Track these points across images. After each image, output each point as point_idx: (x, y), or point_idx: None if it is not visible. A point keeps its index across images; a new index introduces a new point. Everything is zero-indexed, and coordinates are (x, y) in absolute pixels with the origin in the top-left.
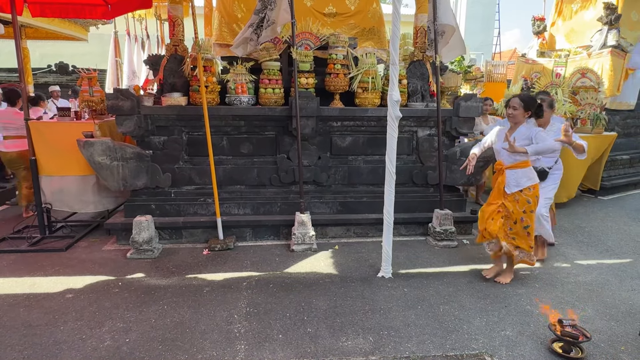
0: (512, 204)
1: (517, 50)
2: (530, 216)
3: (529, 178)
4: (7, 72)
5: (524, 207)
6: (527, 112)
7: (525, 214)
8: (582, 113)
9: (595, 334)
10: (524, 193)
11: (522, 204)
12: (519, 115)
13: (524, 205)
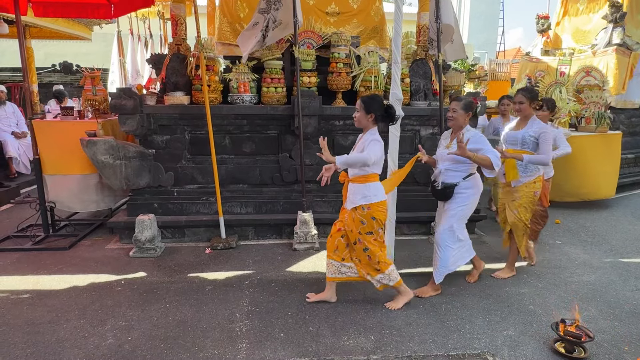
0: (349, 222)
1: (522, 48)
2: (366, 238)
3: (364, 196)
4: (11, 71)
5: (359, 227)
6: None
7: (362, 236)
8: (587, 112)
9: (598, 333)
10: (357, 212)
11: (357, 224)
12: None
13: (358, 226)
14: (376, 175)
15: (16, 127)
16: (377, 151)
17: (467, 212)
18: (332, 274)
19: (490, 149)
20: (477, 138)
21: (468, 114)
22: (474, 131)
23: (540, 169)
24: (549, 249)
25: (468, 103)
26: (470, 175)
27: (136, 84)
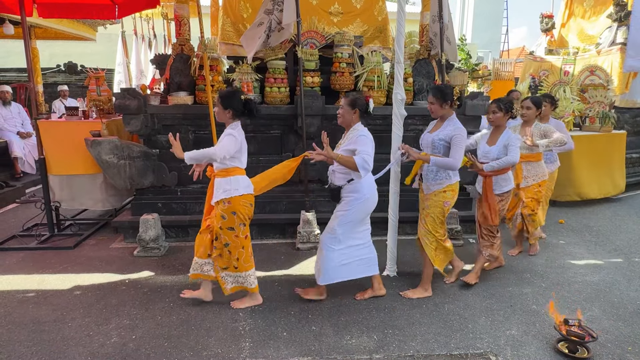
0: (213, 217)
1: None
2: (227, 233)
3: (225, 190)
4: (17, 72)
5: (220, 222)
6: None
7: (223, 231)
8: (591, 111)
9: (602, 334)
10: (219, 206)
11: (218, 219)
12: None
13: (219, 221)
14: (238, 169)
15: (21, 127)
16: (228, 146)
17: (350, 217)
18: (195, 270)
19: (364, 150)
20: (358, 138)
21: (354, 111)
22: (360, 130)
23: (451, 176)
24: (552, 249)
25: (353, 100)
26: (354, 179)
27: (140, 84)
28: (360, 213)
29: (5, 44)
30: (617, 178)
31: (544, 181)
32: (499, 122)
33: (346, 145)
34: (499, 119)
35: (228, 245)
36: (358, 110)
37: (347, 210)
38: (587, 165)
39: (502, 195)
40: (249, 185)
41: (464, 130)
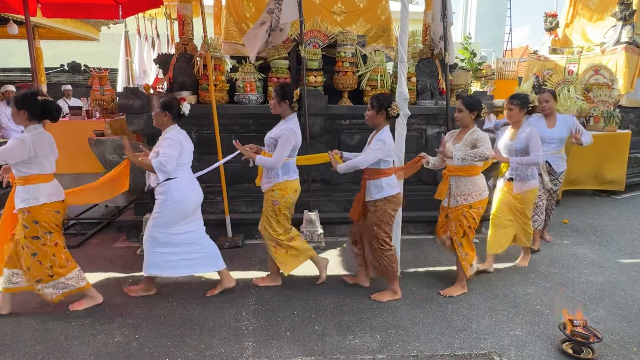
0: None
1: (529, 47)
2: (33, 243)
3: (23, 199)
4: (21, 71)
5: (23, 232)
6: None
7: (28, 240)
8: (595, 110)
9: (606, 334)
10: (20, 216)
11: (20, 229)
12: None
13: (22, 230)
14: (40, 176)
15: None
16: (9, 150)
17: (163, 219)
18: (4, 284)
19: (165, 153)
20: (164, 141)
21: (164, 114)
22: (169, 133)
23: (279, 175)
24: (556, 249)
25: (164, 102)
26: (169, 180)
27: (143, 84)
28: (172, 215)
29: (9, 43)
30: (619, 176)
31: (479, 202)
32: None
33: (156, 147)
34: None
35: (36, 255)
36: (168, 113)
37: (158, 212)
38: (589, 163)
39: None
40: (54, 192)
41: (291, 130)
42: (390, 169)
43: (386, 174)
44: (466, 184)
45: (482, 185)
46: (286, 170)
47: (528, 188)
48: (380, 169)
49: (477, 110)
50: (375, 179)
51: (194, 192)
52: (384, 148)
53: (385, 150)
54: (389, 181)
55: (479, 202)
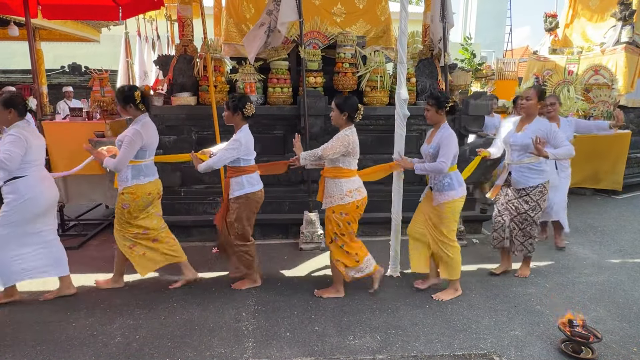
0: None
1: (530, 47)
2: None
3: None
4: (22, 73)
5: None
6: None
7: None
8: (595, 110)
9: (606, 334)
10: None
11: None
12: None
13: None
14: None
15: None
16: None
17: (11, 218)
18: None
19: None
20: None
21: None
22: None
23: (129, 179)
24: (556, 249)
25: None
26: (17, 178)
27: (143, 85)
28: (22, 214)
29: (10, 45)
30: (617, 176)
31: (340, 207)
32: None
33: None
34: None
35: None
36: (13, 109)
37: (6, 212)
38: (589, 163)
39: None
40: None
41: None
42: (252, 166)
43: (247, 172)
44: (330, 186)
45: (345, 189)
46: (136, 174)
47: (444, 200)
48: (240, 167)
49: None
50: (236, 176)
51: (48, 191)
52: (240, 148)
53: (242, 149)
54: (250, 179)
55: (340, 206)
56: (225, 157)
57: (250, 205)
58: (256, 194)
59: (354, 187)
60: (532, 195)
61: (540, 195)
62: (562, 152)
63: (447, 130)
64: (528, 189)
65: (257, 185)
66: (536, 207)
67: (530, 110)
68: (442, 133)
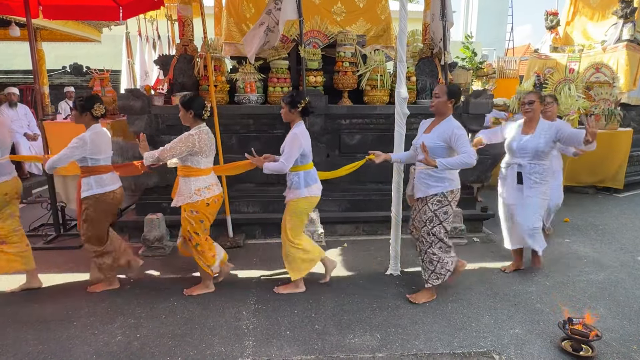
0: None
1: (531, 45)
2: None
3: None
4: (23, 73)
5: None
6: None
7: None
8: (596, 109)
9: (606, 332)
10: None
11: None
12: None
13: None
14: None
15: (28, 129)
16: None
17: None
18: None
19: None
20: None
21: None
22: None
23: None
24: (557, 247)
25: None
26: None
27: (144, 85)
28: None
29: (11, 46)
30: (618, 174)
31: (189, 205)
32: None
33: None
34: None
35: None
36: None
37: None
38: (590, 161)
39: None
40: None
41: None
42: (103, 167)
43: (97, 172)
44: (181, 184)
45: (194, 188)
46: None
47: (289, 198)
48: (88, 167)
49: None
50: (85, 176)
51: None
52: (84, 147)
53: (87, 148)
54: (99, 179)
55: (189, 205)
56: (66, 156)
57: (100, 206)
58: (107, 195)
59: (204, 186)
60: (429, 205)
61: (438, 206)
62: (453, 161)
63: (294, 130)
64: (427, 198)
65: (108, 186)
66: (433, 218)
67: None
68: (291, 132)
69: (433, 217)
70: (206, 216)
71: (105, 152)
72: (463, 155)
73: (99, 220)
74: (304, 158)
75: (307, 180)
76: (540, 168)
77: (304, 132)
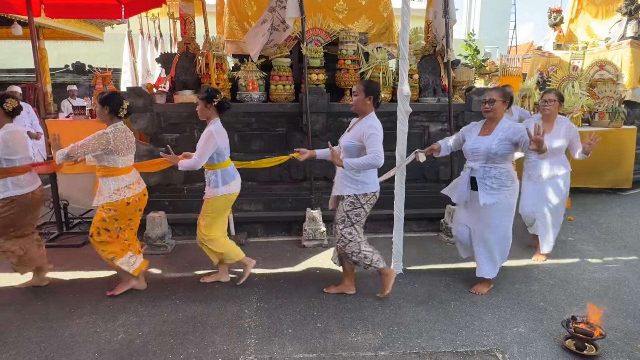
0: None
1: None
2: None
3: None
4: (26, 72)
5: None
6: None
7: None
8: (600, 106)
9: (610, 331)
10: None
11: None
12: None
13: None
14: None
15: (30, 127)
16: None
17: None
18: None
19: None
20: None
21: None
22: None
23: None
24: (560, 246)
25: None
26: None
27: (146, 83)
28: None
29: (14, 44)
30: (626, 173)
31: (108, 204)
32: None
33: None
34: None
35: None
36: None
37: None
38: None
39: None
40: None
41: None
42: (19, 167)
43: (12, 174)
44: (100, 184)
45: (113, 188)
46: None
47: (206, 196)
48: (2, 168)
49: None
50: (2, 177)
51: None
52: None
53: (6, 148)
54: (17, 181)
55: (108, 204)
56: None
57: (18, 207)
58: (25, 197)
59: (123, 185)
60: (344, 205)
61: (350, 207)
62: (358, 162)
63: (210, 127)
64: (343, 197)
65: (27, 187)
66: (345, 219)
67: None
68: (206, 130)
69: (345, 217)
70: (124, 215)
71: (21, 153)
72: (368, 155)
73: (6, 224)
74: (220, 156)
75: (224, 178)
76: (496, 172)
77: (220, 129)
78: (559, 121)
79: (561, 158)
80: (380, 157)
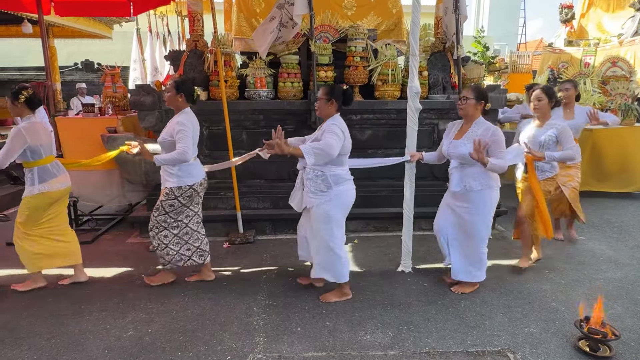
0: None
1: (544, 40)
2: None
3: None
4: (36, 70)
5: None
6: None
7: None
8: (612, 103)
9: (624, 332)
10: None
11: None
12: None
13: None
14: None
15: None
16: None
17: None
18: None
19: None
20: None
21: None
22: None
23: None
24: (572, 245)
25: None
26: None
27: (155, 81)
28: None
29: (25, 42)
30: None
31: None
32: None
33: None
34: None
35: None
36: None
37: None
38: (607, 159)
39: None
40: None
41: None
42: None
43: None
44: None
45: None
46: None
47: (24, 194)
48: None
49: None
50: None
51: None
52: None
53: None
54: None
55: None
56: None
57: None
58: None
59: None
60: (161, 195)
61: (165, 198)
62: (168, 157)
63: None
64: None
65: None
66: (159, 207)
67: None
68: (14, 128)
69: (159, 206)
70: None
71: None
72: (177, 151)
73: None
74: (34, 154)
75: (41, 177)
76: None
77: (32, 126)
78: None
79: None
80: (184, 153)
